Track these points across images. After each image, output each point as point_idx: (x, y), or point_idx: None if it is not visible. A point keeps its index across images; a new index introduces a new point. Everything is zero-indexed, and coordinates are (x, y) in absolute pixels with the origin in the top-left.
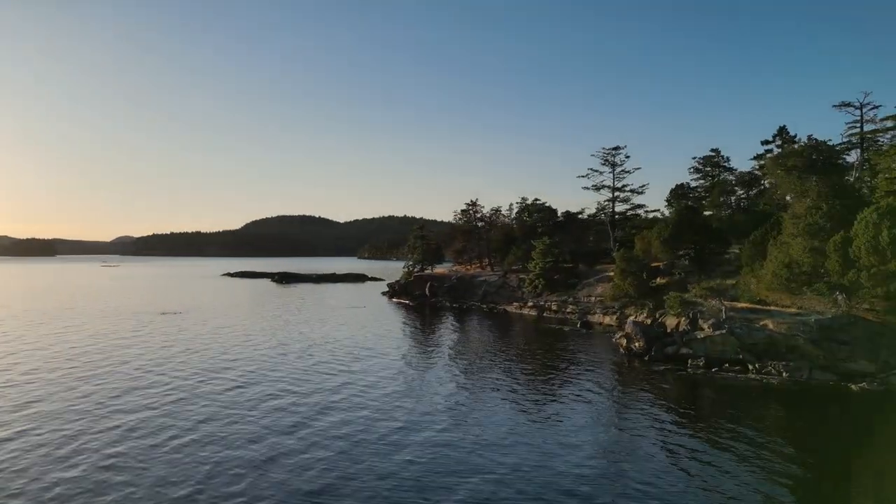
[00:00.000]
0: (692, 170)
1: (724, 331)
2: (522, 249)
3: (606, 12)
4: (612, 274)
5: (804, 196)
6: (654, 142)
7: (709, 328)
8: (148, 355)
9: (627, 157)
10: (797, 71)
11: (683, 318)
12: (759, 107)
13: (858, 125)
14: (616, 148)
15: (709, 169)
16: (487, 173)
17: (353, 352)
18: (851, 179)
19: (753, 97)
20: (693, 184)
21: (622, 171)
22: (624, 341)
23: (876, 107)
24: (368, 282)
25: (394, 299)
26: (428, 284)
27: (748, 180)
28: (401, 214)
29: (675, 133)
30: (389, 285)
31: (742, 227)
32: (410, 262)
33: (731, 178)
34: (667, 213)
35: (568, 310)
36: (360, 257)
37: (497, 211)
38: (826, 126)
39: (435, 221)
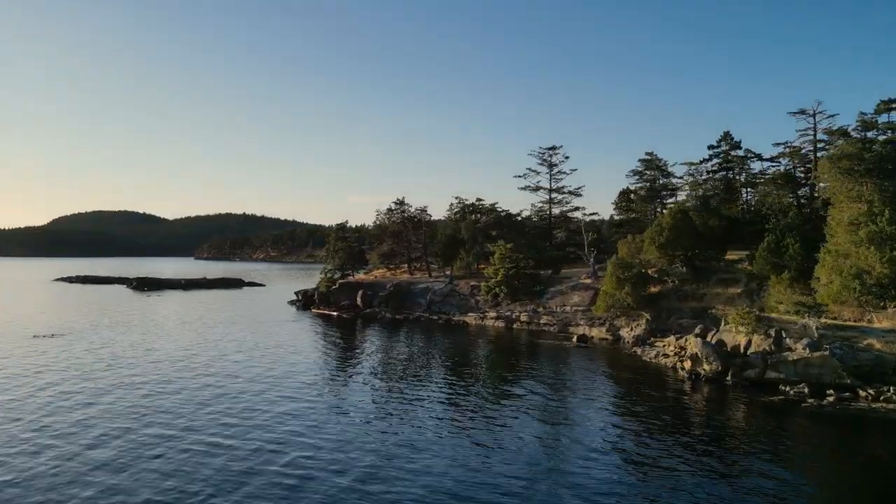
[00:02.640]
0: (631, 173)
1: (824, 352)
2: (473, 254)
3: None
4: (587, 281)
5: (857, 201)
6: (587, 146)
7: (803, 348)
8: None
9: (566, 157)
10: (735, 76)
11: (758, 336)
12: (694, 111)
13: (810, 132)
14: (553, 148)
15: (649, 172)
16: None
17: (325, 388)
18: None
19: (690, 102)
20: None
21: (559, 171)
22: (688, 363)
23: (832, 115)
24: (246, 287)
25: (312, 310)
26: (360, 293)
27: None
28: (240, 212)
29: (605, 138)
30: (300, 293)
31: (718, 230)
32: (329, 267)
33: (704, 179)
34: (616, 216)
35: (542, 321)
36: (197, 257)
37: (423, 210)
38: (764, 132)
39: (292, 221)
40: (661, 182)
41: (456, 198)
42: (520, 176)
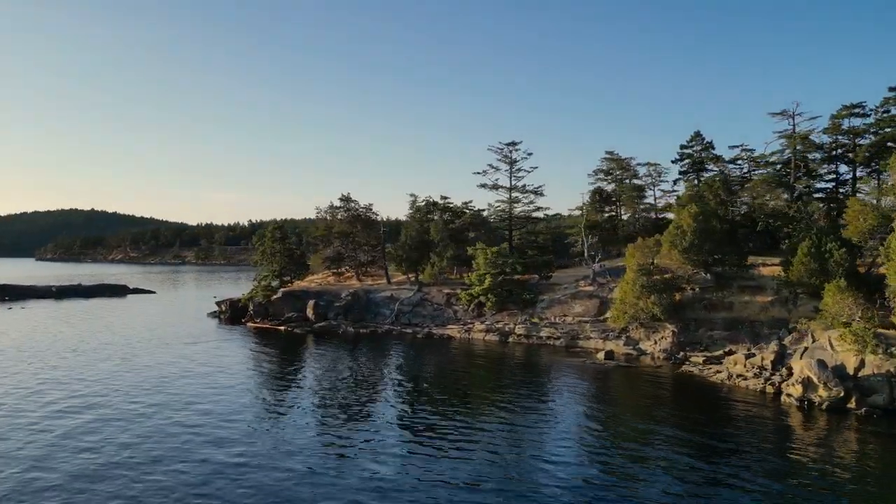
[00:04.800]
0: (595, 171)
1: None
2: (447, 258)
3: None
4: (588, 288)
5: None
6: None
7: None
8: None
9: (529, 153)
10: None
11: (874, 356)
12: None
13: (789, 134)
14: (513, 143)
15: (617, 172)
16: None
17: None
18: None
19: (652, 101)
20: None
21: (519, 168)
22: (797, 388)
23: (814, 117)
24: (132, 294)
25: (247, 324)
26: (311, 303)
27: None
28: (88, 208)
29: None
30: (225, 304)
31: (720, 233)
32: (265, 274)
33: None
34: (589, 216)
35: (543, 333)
36: (40, 258)
37: (369, 209)
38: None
39: (151, 220)
40: (629, 182)
41: (411, 195)
42: (478, 172)
